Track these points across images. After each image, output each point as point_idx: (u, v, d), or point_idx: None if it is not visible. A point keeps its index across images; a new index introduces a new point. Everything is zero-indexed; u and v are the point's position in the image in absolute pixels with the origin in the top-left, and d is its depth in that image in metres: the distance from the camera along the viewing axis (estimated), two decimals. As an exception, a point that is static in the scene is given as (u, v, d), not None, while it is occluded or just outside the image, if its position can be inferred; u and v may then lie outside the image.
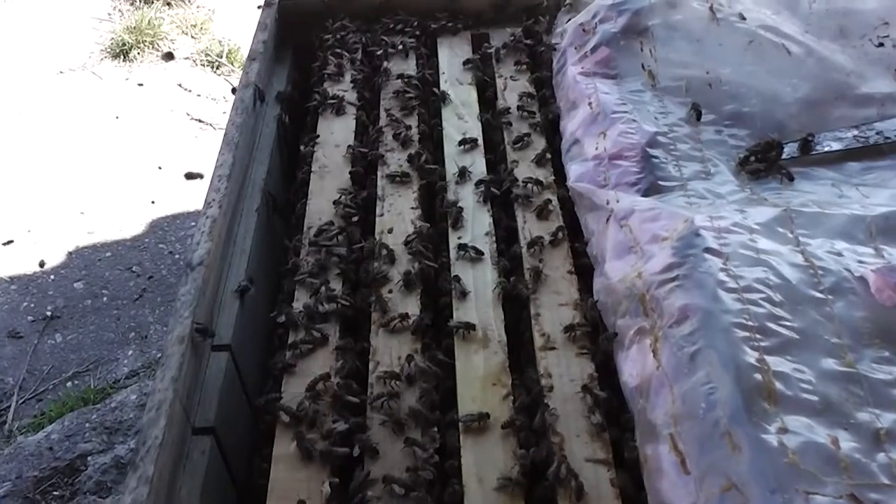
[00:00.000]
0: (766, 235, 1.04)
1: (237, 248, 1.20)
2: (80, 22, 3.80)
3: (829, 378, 0.89)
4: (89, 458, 2.27)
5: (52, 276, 2.85)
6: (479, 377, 1.03)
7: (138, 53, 3.62)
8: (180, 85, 3.56)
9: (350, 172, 1.31)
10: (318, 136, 1.37)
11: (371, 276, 1.14)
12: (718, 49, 1.37)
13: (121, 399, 2.49)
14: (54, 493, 2.18)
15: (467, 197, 1.27)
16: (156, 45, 3.66)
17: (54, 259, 2.89)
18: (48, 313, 2.72)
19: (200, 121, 3.41)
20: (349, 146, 1.35)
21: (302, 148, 1.34)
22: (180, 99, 3.50)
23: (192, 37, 3.75)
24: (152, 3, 3.81)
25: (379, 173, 1.32)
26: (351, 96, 1.45)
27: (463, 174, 1.31)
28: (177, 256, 2.95)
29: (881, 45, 1.39)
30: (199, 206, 3.26)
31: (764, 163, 1.24)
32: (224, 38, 3.75)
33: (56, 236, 2.93)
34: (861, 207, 1.11)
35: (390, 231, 1.22)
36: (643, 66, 1.37)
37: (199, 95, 3.51)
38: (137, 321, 2.74)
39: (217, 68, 3.63)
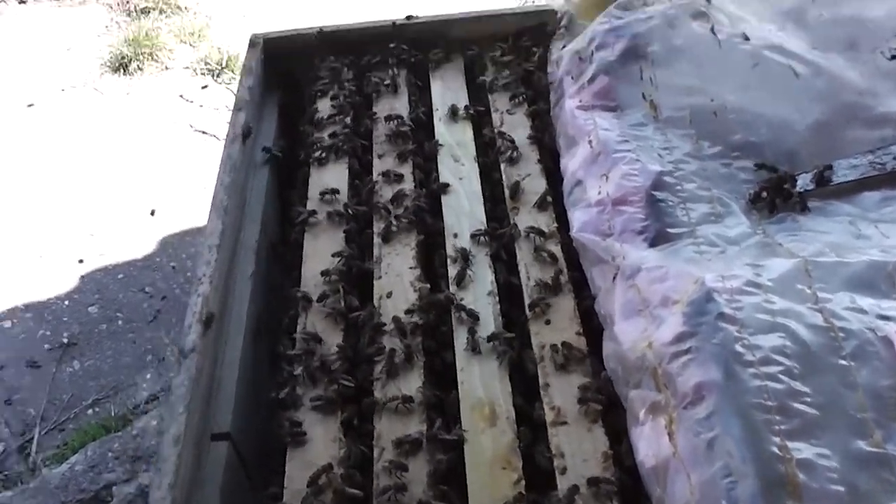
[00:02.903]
0: (781, 294, 0.97)
1: (232, 321, 1.14)
2: (79, 37, 3.73)
3: (857, 462, 0.83)
4: (114, 489, 2.27)
5: (66, 302, 2.82)
6: (487, 461, 0.98)
7: (138, 66, 3.55)
8: (181, 96, 3.50)
9: (344, 231, 1.25)
10: (309, 191, 1.30)
11: (371, 351, 1.08)
12: (722, 73, 1.29)
13: (142, 425, 2.48)
14: (81, 526, 2.17)
15: (467, 252, 1.21)
16: (155, 56, 3.59)
17: (67, 284, 2.86)
18: (64, 340, 2.69)
19: (204, 132, 3.36)
20: (344, 204, 1.28)
21: (294, 210, 1.28)
22: (182, 110, 3.44)
23: (191, 45, 3.68)
24: (149, 13, 3.73)
25: (375, 230, 1.25)
26: (342, 142, 1.38)
27: (461, 226, 1.24)
28: (188, 274, 2.91)
29: (894, 57, 1.30)
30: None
31: (776, 199, 1.16)
32: (223, 45, 3.67)
33: (67, 260, 2.90)
34: (881, 252, 1.04)
35: (389, 295, 1.16)
36: (644, 96, 1.30)
37: (200, 106, 3.45)
38: (153, 343, 2.71)
39: (217, 76, 3.55)
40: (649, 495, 0.92)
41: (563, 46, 1.43)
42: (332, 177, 1.34)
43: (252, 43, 1.51)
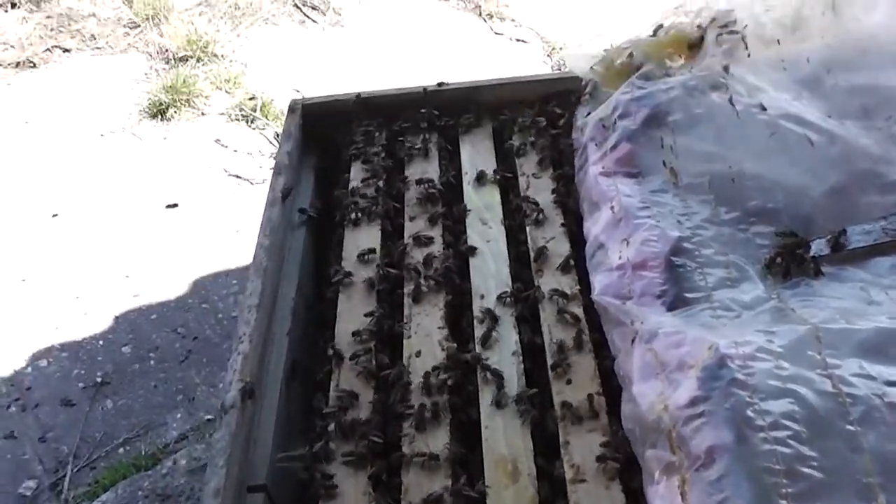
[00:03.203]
0: (792, 360, 1.03)
1: (270, 377, 1.22)
2: (119, 84, 3.89)
3: (861, 526, 0.88)
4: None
5: (100, 342, 2.92)
6: (509, 511, 1.04)
7: (175, 112, 3.69)
8: (217, 141, 3.62)
9: (377, 291, 1.33)
10: (343, 251, 1.39)
11: (400, 409, 1.15)
12: (740, 142, 1.36)
13: (171, 464, 2.56)
14: (111, 566, 2.23)
15: (493, 313, 1.28)
16: (192, 103, 3.73)
17: (102, 324, 2.96)
18: (98, 379, 2.78)
19: (238, 176, 3.47)
20: (376, 265, 1.36)
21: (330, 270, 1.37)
22: (217, 155, 3.57)
23: (227, 91, 3.81)
24: (187, 61, 3.89)
25: (405, 290, 1.33)
26: (375, 205, 1.47)
27: (488, 287, 1.32)
28: (220, 316, 3.01)
29: (906, 125, 1.36)
30: (240, 261, 3.30)
31: (791, 264, 1.22)
32: (257, 91, 3.81)
33: (103, 301, 3.00)
34: (889, 319, 1.09)
35: (418, 354, 1.23)
36: (664, 163, 1.37)
37: (235, 151, 3.57)
38: (185, 383, 2.79)
39: (252, 122, 3.68)
40: (664, 553, 0.97)
41: (588, 113, 1.51)
42: (365, 238, 1.43)
43: (291, 109, 1.61)
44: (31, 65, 3.98)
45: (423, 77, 1.70)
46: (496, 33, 4.20)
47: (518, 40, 4.12)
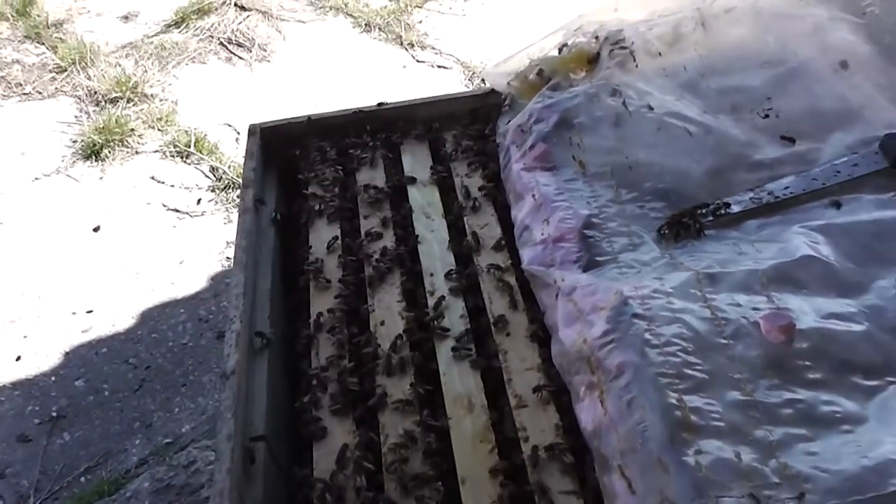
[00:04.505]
0: (679, 297, 1.38)
1: (258, 352, 1.52)
2: (50, 128, 4.08)
3: (733, 407, 1.22)
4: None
5: (52, 378, 3.09)
6: (469, 436, 1.36)
7: (109, 152, 3.91)
8: (153, 178, 3.85)
9: (341, 277, 1.65)
10: (311, 247, 1.71)
11: (372, 365, 1.47)
12: (634, 136, 1.71)
13: (134, 488, 2.75)
14: (82, 593, 2.40)
15: (442, 287, 1.61)
16: (125, 142, 3.96)
17: (52, 360, 3.14)
18: (53, 414, 2.95)
19: (177, 210, 3.70)
20: (339, 255, 1.69)
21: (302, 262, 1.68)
22: (155, 191, 3.78)
23: (159, 129, 4.05)
24: (117, 102, 4.12)
25: (366, 274, 1.65)
26: (334, 208, 1.79)
27: (435, 267, 1.65)
28: (170, 344, 3.22)
29: (766, 116, 1.74)
30: (187, 290, 3.49)
31: (679, 230, 1.58)
32: (189, 127, 4.06)
33: (52, 338, 3.18)
34: (754, 262, 1.45)
35: (382, 323, 1.55)
36: (574, 158, 1.71)
37: (172, 186, 3.80)
38: (140, 411, 2.99)
39: (186, 157, 3.92)
40: (591, 449, 1.31)
41: (508, 121, 1.85)
42: (328, 235, 1.75)
43: (251, 132, 1.91)
44: (-42, 114, 4.16)
45: (350, 105, 2.02)
46: (418, 61, 4.56)
47: (439, 66, 4.48)
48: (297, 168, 1.90)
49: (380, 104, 2.00)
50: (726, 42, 1.83)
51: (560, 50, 1.91)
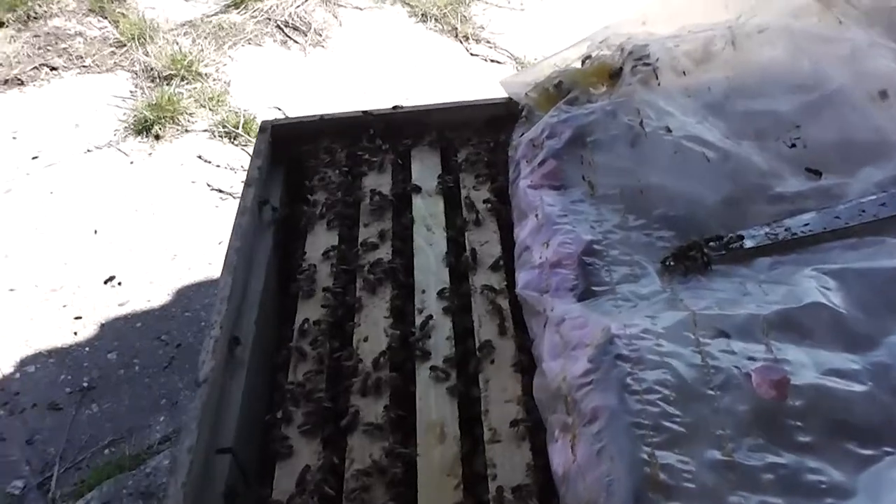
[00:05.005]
0: (670, 339, 1.28)
1: (237, 358, 1.47)
2: (105, 101, 4.13)
3: (709, 467, 1.12)
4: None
5: (86, 349, 3.13)
6: (436, 468, 1.29)
7: (160, 129, 3.94)
8: (200, 157, 3.86)
9: (332, 286, 1.58)
10: (306, 253, 1.65)
11: (349, 384, 1.41)
12: (648, 159, 1.61)
13: (154, 464, 2.77)
14: (95, 559, 2.43)
15: (432, 305, 1.54)
16: (176, 120, 3.98)
17: (88, 331, 3.19)
18: (84, 384, 3.00)
19: (220, 190, 3.71)
20: (332, 264, 1.62)
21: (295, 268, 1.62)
22: (200, 170, 3.81)
23: (210, 109, 4.06)
24: (171, 79, 4.14)
25: (357, 285, 1.59)
26: (335, 214, 1.73)
27: (428, 283, 1.57)
28: (202, 324, 3.23)
29: (793, 145, 1.62)
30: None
31: (686, 263, 1.48)
32: (239, 108, 4.07)
33: (90, 309, 3.23)
34: (757, 306, 1.34)
35: (366, 340, 1.48)
36: (584, 177, 1.62)
37: (217, 166, 3.81)
38: (168, 388, 3.01)
39: (234, 139, 3.93)
40: (558, 495, 1.22)
41: (522, 134, 1.76)
42: (325, 242, 1.68)
43: (262, 128, 1.87)
44: (20, 82, 4.22)
45: (399, 96, 1.96)
46: (472, 54, 4.48)
47: (492, 61, 4.39)
48: (303, 170, 1.84)
49: (395, 107, 1.93)
50: (756, 63, 1.70)
51: (583, 62, 1.80)
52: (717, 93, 1.70)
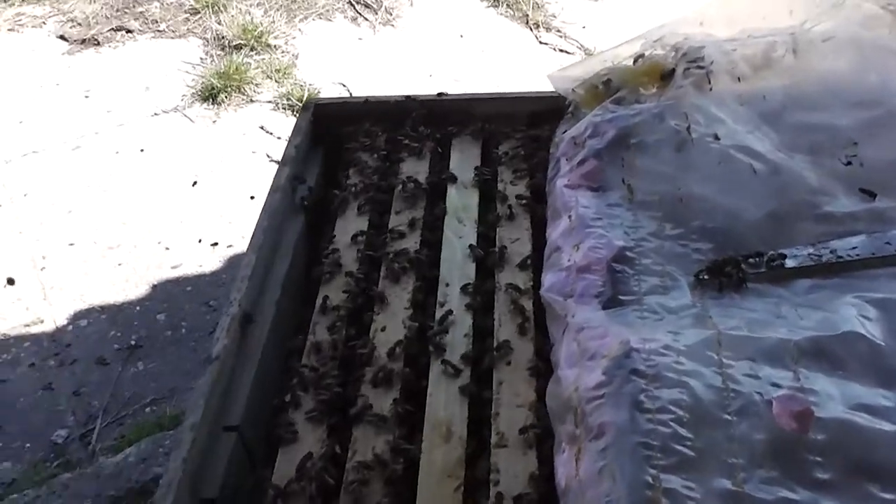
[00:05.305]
0: (691, 358, 1.21)
1: (254, 337, 1.45)
2: (175, 67, 4.18)
3: (716, 496, 1.06)
4: (161, 481, 2.60)
5: (137, 308, 3.19)
6: (438, 469, 1.25)
7: (225, 97, 3.97)
8: (262, 127, 3.88)
9: (356, 272, 1.55)
10: (335, 237, 1.62)
11: (361, 373, 1.38)
12: (692, 167, 1.53)
13: (191, 426, 2.79)
14: (129, 512, 2.47)
15: (454, 300, 1.50)
16: (242, 90, 4.01)
17: (140, 291, 3.24)
18: (132, 342, 3.06)
19: (279, 163, 3.71)
20: (358, 250, 1.59)
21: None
22: (262, 141, 3.82)
23: (276, 81, 4.08)
24: (241, 49, 4.16)
25: (381, 274, 1.55)
26: (366, 197, 1.69)
27: (452, 277, 1.53)
28: (250, 293, 3.24)
29: (849, 163, 1.53)
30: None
31: (721, 279, 1.40)
32: (305, 81, 4.07)
33: (143, 270, 3.28)
34: (789, 330, 1.26)
35: (383, 329, 1.45)
36: (623, 181, 1.55)
37: (279, 138, 3.82)
38: (211, 353, 3.04)
39: (297, 111, 3.92)
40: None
41: (565, 131, 1.70)
42: (355, 226, 1.65)
43: (305, 106, 1.84)
44: (96, 42, 4.30)
45: (463, 80, 1.92)
46: (541, 42, 4.39)
47: (561, 51, 4.30)
48: (342, 150, 1.81)
49: (439, 94, 1.88)
50: (818, 74, 1.60)
51: (635, 60, 1.72)
52: (773, 102, 1.60)
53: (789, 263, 1.41)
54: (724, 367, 1.21)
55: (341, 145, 1.84)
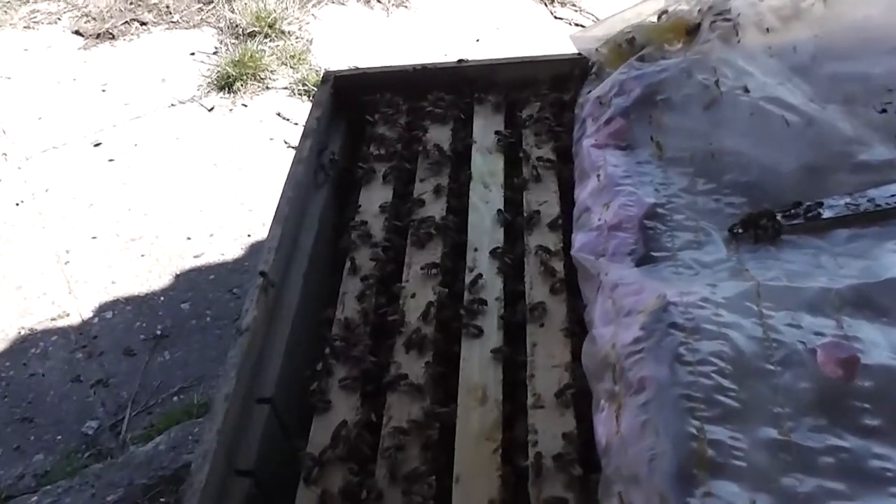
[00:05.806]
0: (730, 310, 1.18)
1: (284, 308, 1.44)
2: (191, 57, 4.17)
3: (763, 446, 1.04)
4: (192, 468, 2.61)
5: (161, 298, 3.19)
6: (475, 432, 1.23)
7: (241, 85, 3.95)
8: (279, 114, 3.87)
9: (384, 241, 1.53)
10: (360, 206, 1.60)
11: (393, 340, 1.36)
12: (722, 121, 1.50)
13: (219, 413, 2.79)
14: (161, 500, 2.48)
15: (484, 264, 1.47)
16: (257, 77, 3.99)
17: (164, 281, 3.24)
18: (158, 332, 3.06)
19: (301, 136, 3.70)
20: (385, 219, 1.57)
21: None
22: (279, 127, 3.81)
23: (291, 67, 4.06)
24: (255, 36, 4.15)
25: (408, 241, 1.53)
26: (392, 167, 1.67)
27: (481, 242, 1.51)
28: (273, 279, 3.23)
29: (884, 111, 1.49)
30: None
31: (756, 231, 1.37)
32: (320, 67, 4.05)
33: (166, 260, 3.28)
34: (830, 279, 1.23)
35: (413, 296, 1.43)
36: (651, 138, 1.52)
37: (296, 124, 3.80)
38: (237, 340, 3.03)
39: (313, 97, 3.90)
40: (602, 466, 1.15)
41: (589, 91, 1.67)
42: (379, 196, 1.64)
43: (324, 79, 1.82)
44: (111, 36, 4.30)
45: (478, 57, 1.90)
46: (556, 17, 4.35)
47: (577, 25, 4.26)
48: (364, 121, 1.79)
49: (460, 61, 1.85)
50: (850, 22, 1.56)
51: (659, 17, 1.69)
52: (804, 53, 1.57)
53: (826, 214, 1.38)
54: (765, 318, 1.18)
55: (362, 116, 1.82)
